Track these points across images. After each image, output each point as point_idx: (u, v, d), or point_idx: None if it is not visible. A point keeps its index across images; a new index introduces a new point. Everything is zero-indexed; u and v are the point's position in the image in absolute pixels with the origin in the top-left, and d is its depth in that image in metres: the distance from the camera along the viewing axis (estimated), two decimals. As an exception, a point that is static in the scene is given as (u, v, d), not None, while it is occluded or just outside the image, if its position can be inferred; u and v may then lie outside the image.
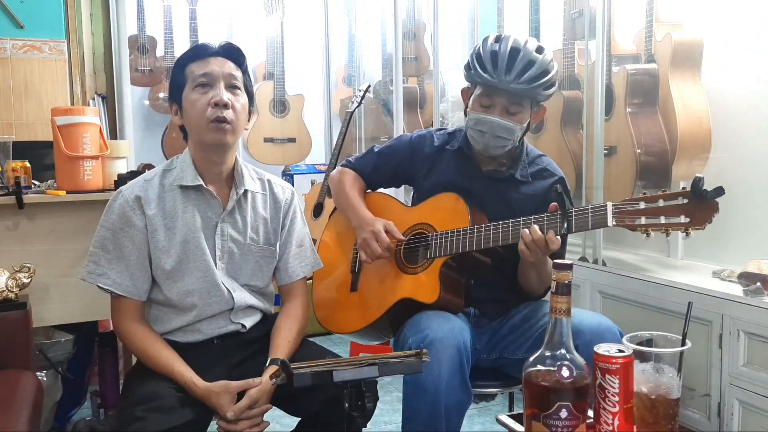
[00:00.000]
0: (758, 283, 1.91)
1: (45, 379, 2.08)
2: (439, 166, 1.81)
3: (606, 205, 1.45)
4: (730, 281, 2.07)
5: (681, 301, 2.00)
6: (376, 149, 1.94)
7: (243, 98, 1.53)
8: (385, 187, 1.99)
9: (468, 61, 1.72)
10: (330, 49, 4.19)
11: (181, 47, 3.66)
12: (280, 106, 3.87)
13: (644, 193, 1.42)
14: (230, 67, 1.51)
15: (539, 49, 1.66)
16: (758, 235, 2.23)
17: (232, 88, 1.50)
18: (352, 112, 3.42)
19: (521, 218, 1.57)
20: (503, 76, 1.62)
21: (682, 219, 1.35)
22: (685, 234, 1.37)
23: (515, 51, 1.63)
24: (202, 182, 1.53)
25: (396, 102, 3.54)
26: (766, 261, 1.97)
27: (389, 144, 1.93)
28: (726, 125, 2.33)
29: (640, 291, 2.19)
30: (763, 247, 2.17)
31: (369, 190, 1.96)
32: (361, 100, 3.44)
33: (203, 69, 1.48)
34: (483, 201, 1.73)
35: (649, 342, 1.07)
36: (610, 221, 1.44)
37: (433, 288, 1.67)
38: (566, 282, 0.96)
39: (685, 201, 1.35)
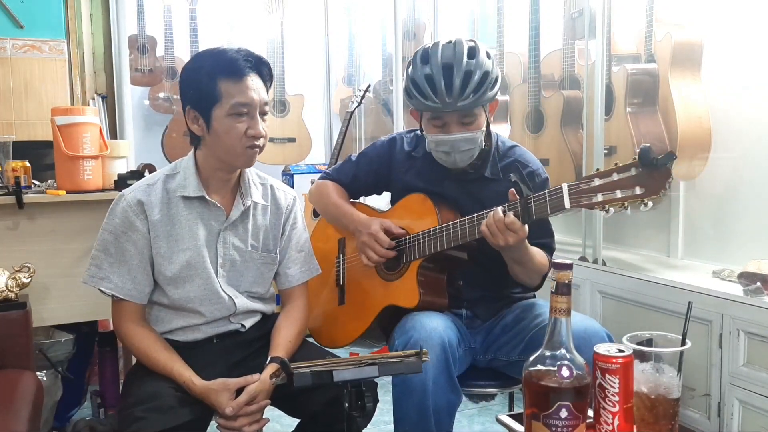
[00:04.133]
0: (758, 283, 1.91)
1: (45, 378, 2.08)
2: (410, 172, 1.79)
3: (561, 188, 1.44)
4: (730, 281, 2.07)
5: (681, 300, 2.00)
6: (353, 158, 1.92)
7: (268, 120, 1.53)
8: (366, 195, 1.97)
9: (405, 87, 1.67)
10: (330, 49, 4.18)
11: (181, 47, 3.66)
12: (280, 106, 3.86)
13: (597, 170, 1.41)
14: (263, 91, 1.49)
15: (472, 52, 1.60)
16: (758, 235, 2.24)
17: (263, 114, 1.50)
18: (352, 112, 3.42)
19: (484, 211, 1.56)
20: (446, 99, 1.57)
21: (637, 190, 1.33)
22: (643, 205, 1.35)
23: (448, 68, 1.58)
24: (204, 193, 1.53)
25: (396, 102, 3.54)
26: (766, 261, 1.98)
27: (365, 152, 1.91)
28: (726, 125, 2.33)
29: (640, 291, 2.19)
30: (763, 247, 2.17)
31: (351, 200, 1.94)
32: (361, 100, 3.44)
33: (243, 97, 1.45)
34: (456, 202, 1.72)
35: (649, 342, 1.07)
36: (567, 203, 1.42)
37: (413, 292, 1.68)
38: (566, 282, 0.96)
39: (639, 170, 1.34)
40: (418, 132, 1.82)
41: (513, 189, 1.52)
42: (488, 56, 1.63)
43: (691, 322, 1.10)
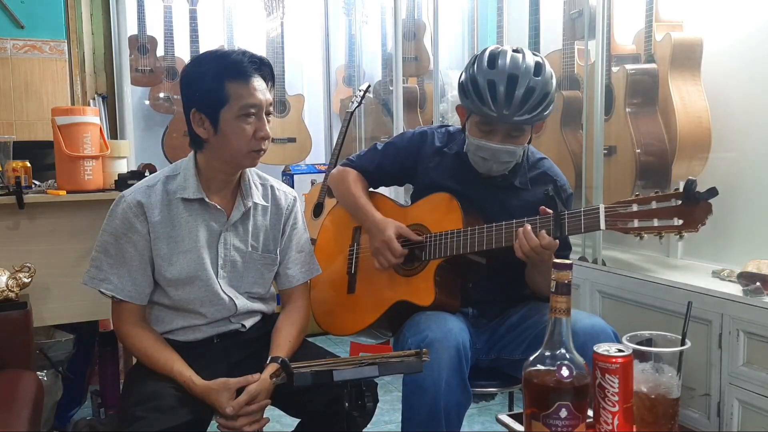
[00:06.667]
0: (758, 283, 1.91)
1: (45, 378, 2.08)
2: (438, 169, 1.78)
3: (598, 208, 1.44)
4: (729, 281, 2.07)
5: (681, 300, 2.00)
6: (379, 146, 1.90)
7: (270, 121, 1.54)
8: (388, 185, 1.97)
9: (463, 83, 1.63)
10: (330, 49, 4.18)
11: (181, 47, 3.66)
12: (280, 106, 3.86)
13: (637, 195, 1.40)
14: (267, 92, 1.50)
15: (538, 69, 1.58)
16: (758, 235, 2.24)
17: (267, 114, 1.51)
18: (352, 112, 3.42)
19: (514, 221, 1.56)
20: (503, 110, 1.56)
21: (676, 221, 1.34)
22: (678, 236, 1.35)
23: (513, 79, 1.55)
24: (204, 195, 1.53)
25: (396, 102, 3.54)
26: (765, 261, 1.98)
27: (392, 141, 1.90)
28: (726, 125, 2.33)
29: (640, 291, 2.19)
30: (762, 247, 2.17)
31: (371, 188, 1.94)
32: (361, 100, 3.44)
33: (251, 99, 1.46)
34: (482, 207, 1.72)
35: (648, 342, 1.07)
36: (603, 225, 1.42)
37: (429, 291, 1.68)
38: (566, 282, 0.96)
39: (678, 202, 1.33)
40: (450, 129, 1.82)
41: (544, 206, 1.51)
42: (551, 75, 1.61)
43: (690, 322, 1.10)
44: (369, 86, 3.55)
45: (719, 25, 2.35)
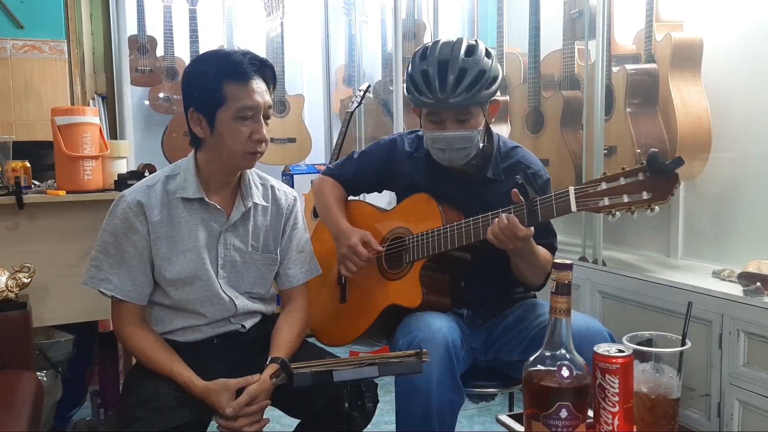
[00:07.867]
0: (758, 283, 1.91)
1: (45, 379, 2.08)
2: (412, 173, 1.80)
3: (568, 191, 1.45)
4: (730, 281, 2.07)
5: (681, 301, 2.00)
6: (355, 155, 1.93)
7: (270, 123, 1.53)
8: (367, 192, 1.99)
9: (405, 82, 1.68)
10: (330, 49, 4.18)
11: (181, 47, 3.66)
12: (280, 106, 3.86)
13: (605, 173, 1.41)
14: (267, 94, 1.49)
15: (470, 50, 1.62)
16: (758, 235, 2.24)
17: (266, 118, 1.50)
18: (352, 112, 3.42)
19: (489, 213, 1.57)
20: (439, 95, 1.59)
21: (644, 195, 1.34)
22: (649, 210, 1.35)
23: (443, 64, 1.60)
24: (204, 195, 1.52)
25: (396, 102, 3.54)
26: (766, 261, 1.98)
27: (367, 150, 1.93)
28: (726, 125, 2.33)
29: (640, 291, 2.19)
30: (763, 247, 2.17)
31: (351, 197, 1.96)
32: (361, 100, 3.44)
33: (249, 100, 1.45)
34: (459, 203, 1.73)
35: (649, 342, 1.07)
36: (573, 207, 1.43)
37: (416, 292, 1.68)
38: (566, 282, 0.96)
39: (646, 176, 1.34)
40: (419, 133, 1.83)
41: (516, 190, 1.52)
42: (488, 55, 1.63)
43: (691, 323, 1.10)
44: (369, 86, 3.55)
45: (719, 25, 2.35)
